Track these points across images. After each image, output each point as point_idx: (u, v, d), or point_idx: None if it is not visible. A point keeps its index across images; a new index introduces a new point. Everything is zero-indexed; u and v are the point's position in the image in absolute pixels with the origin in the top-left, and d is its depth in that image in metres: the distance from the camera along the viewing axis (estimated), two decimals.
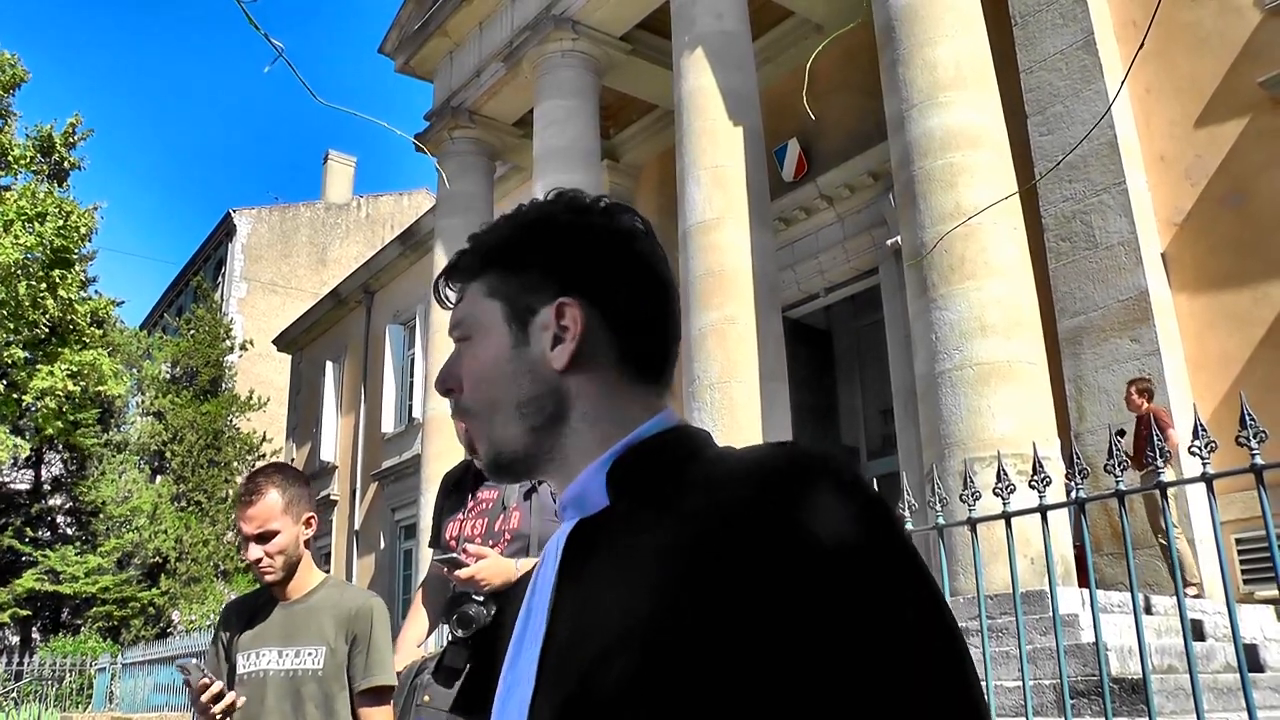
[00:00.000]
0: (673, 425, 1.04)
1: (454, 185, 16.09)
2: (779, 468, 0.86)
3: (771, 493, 0.83)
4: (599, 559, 0.94)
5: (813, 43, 13.16)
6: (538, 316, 1.05)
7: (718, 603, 0.80)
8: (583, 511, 1.01)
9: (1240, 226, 9.37)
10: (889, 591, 0.80)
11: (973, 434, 8.26)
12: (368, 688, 2.94)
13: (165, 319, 38.89)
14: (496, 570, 2.88)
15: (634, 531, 0.92)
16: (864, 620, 0.78)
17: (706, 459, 0.97)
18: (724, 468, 0.91)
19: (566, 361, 1.03)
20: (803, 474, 0.85)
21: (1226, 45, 9.71)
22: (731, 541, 0.82)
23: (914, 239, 9.18)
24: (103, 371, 21.88)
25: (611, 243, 1.08)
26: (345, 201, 41.24)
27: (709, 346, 10.47)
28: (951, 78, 9.36)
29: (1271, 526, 3.63)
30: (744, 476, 0.87)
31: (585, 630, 0.89)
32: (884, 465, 12.81)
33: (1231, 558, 8.79)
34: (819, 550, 0.79)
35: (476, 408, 1.07)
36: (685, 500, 0.90)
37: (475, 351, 1.07)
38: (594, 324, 1.04)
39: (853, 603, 0.78)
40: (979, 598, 4.46)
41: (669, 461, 0.99)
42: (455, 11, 16.32)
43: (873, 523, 0.83)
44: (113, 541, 25.64)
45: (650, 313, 1.09)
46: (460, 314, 1.10)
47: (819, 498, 0.83)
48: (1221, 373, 9.21)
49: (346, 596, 3.07)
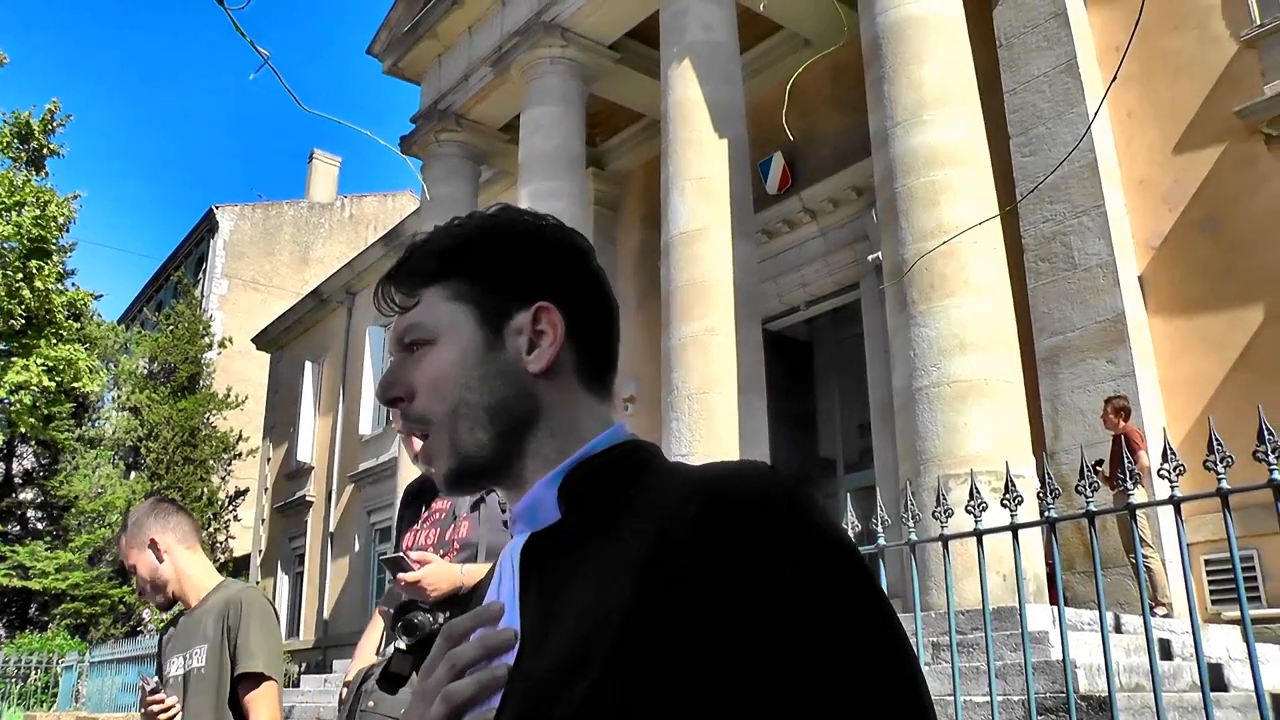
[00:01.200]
0: (624, 439, 1.04)
1: (439, 188, 16.09)
2: (729, 490, 0.86)
3: (716, 515, 0.84)
4: (552, 575, 0.95)
5: (800, 56, 13.23)
6: (513, 320, 1.05)
7: (666, 623, 0.81)
8: (534, 525, 1.01)
9: (1215, 252, 9.47)
10: (835, 614, 0.80)
11: (949, 450, 8.32)
12: (238, 674, 3.01)
13: (144, 314, 38.69)
14: (442, 575, 2.88)
15: (586, 547, 0.93)
16: (812, 642, 0.79)
17: (658, 474, 0.96)
18: (674, 486, 0.90)
19: (545, 365, 1.04)
20: (751, 497, 0.85)
21: (1205, 73, 9.83)
22: (678, 562, 0.82)
23: (895, 255, 9.25)
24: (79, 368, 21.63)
25: (575, 254, 1.10)
26: (329, 201, 41.12)
27: (689, 356, 10.50)
28: (936, 97, 9.44)
29: (1236, 549, 3.69)
30: (692, 496, 0.86)
31: (541, 648, 0.89)
32: (861, 478, 12.86)
33: (1200, 578, 8.88)
34: (762, 575, 0.80)
35: (436, 414, 1.04)
36: (636, 517, 0.90)
37: (440, 355, 1.05)
38: (565, 332, 1.05)
39: (799, 625, 0.79)
40: (949, 613, 4.50)
41: (620, 477, 0.98)
42: (446, 15, 16.33)
43: (820, 546, 0.83)
44: (84, 537, 25.43)
45: (606, 328, 1.11)
46: (417, 318, 1.07)
47: (764, 521, 0.83)
48: (1195, 395, 9.31)
49: (226, 592, 3.16)
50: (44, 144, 22.20)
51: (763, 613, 0.79)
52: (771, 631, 0.79)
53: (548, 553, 0.97)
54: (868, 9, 10.15)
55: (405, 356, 1.08)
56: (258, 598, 3.17)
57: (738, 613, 0.80)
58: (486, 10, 15.98)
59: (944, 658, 6.08)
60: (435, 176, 16.38)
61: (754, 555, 0.81)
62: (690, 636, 0.80)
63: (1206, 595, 8.88)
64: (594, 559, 0.91)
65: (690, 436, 10.13)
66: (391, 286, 1.10)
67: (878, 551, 5.02)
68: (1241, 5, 9.72)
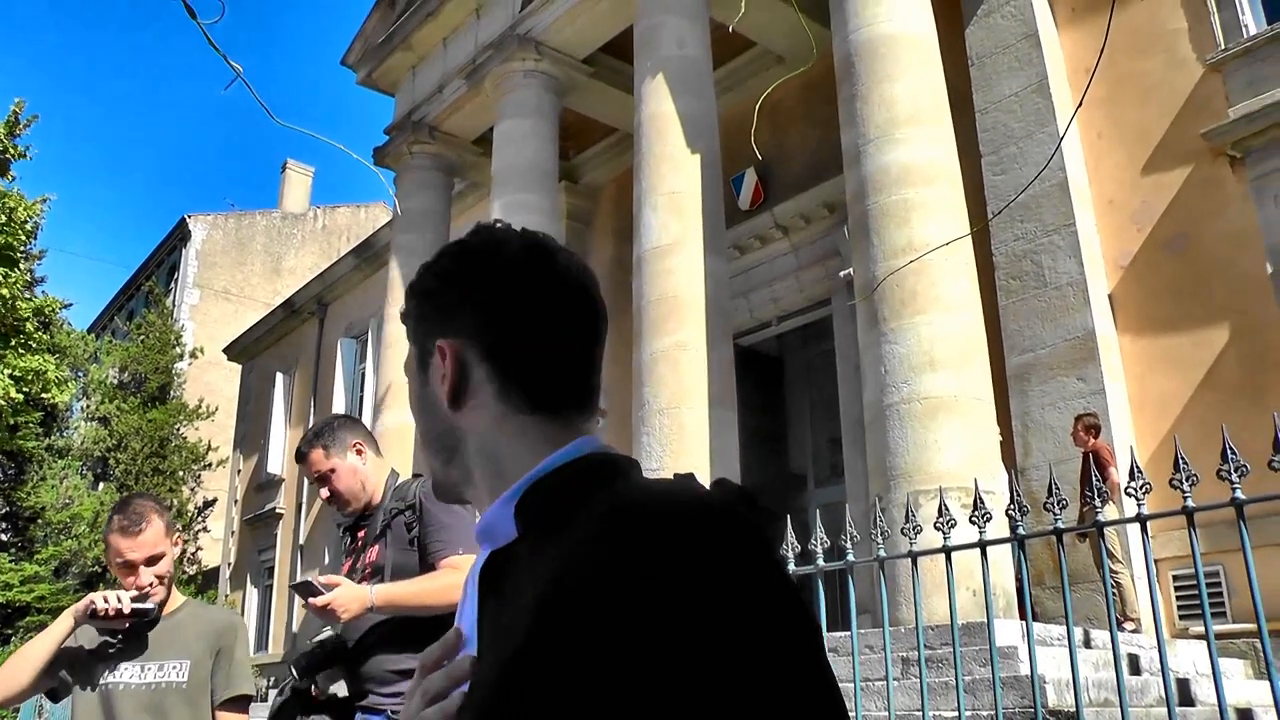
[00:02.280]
0: (582, 455, 1.03)
1: (412, 200, 16.08)
2: (640, 508, 0.86)
3: (614, 538, 0.84)
4: (505, 593, 0.96)
5: (774, 73, 13.30)
6: (432, 359, 1.11)
7: (556, 643, 0.80)
8: (494, 543, 1.03)
9: (1182, 271, 9.58)
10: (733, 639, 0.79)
11: (918, 467, 8.35)
12: (231, 697, 3.20)
13: (115, 323, 38.40)
14: (351, 597, 2.94)
15: (532, 568, 0.93)
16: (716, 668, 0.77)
17: (609, 491, 0.94)
18: (602, 505, 0.90)
19: (448, 399, 1.09)
20: (662, 518, 0.85)
21: (1172, 96, 9.96)
22: (575, 583, 0.82)
23: (866, 272, 9.29)
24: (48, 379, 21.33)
25: (508, 280, 1.09)
26: (302, 211, 40.95)
27: (660, 371, 10.51)
28: (908, 115, 9.50)
29: (1200, 565, 3.73)
30: (603, 517, 0.87)
31: (486, 663, 0.91)
32: (832, 494, 12.89)
33: (1168, 594, 8.96)
34: (655, 597, 0.79)
35: (419, 439, 1.18)
36: (567, 539, 0.88)
37: (412, 392, 1.17)
38: (471, 361, 1.07)
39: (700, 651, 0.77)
40: (918, 629, 4.53)
41: (574, 492, 0.97)
42: (420, 26, 16.34)
43: (740, 572, 0.83)
44: (51, 549, 25.10)
45: (546, 344, 1.08)
46: (408, 354, 1.18)
47: (668, 541, 0.82)
48: (1162, 413, 9.39)
49: (211, 614, 3.38)
50: (8, 147, 21.66)
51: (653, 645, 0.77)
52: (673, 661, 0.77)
53: (502, 570, 0.99)
54: (840, 27, 10.21)
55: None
56: (245, 626, 3.45)
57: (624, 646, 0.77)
58: (461, 22, 16.00)
59: (913, 673, 6.10)
60: (408, 188, 16.37)
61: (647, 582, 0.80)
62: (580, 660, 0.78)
63: (1174, 610, 8.95)
64: (531, 576, 0.91)
65: (661, 451, 10.13)
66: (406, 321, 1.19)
67: (847, 567, 5.04)
68: (1207, 30, 9.85)
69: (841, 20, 10.20)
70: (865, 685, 6.10)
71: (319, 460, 3.36)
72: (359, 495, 3.37)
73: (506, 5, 14.98)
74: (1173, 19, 10.11)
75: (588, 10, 13.76)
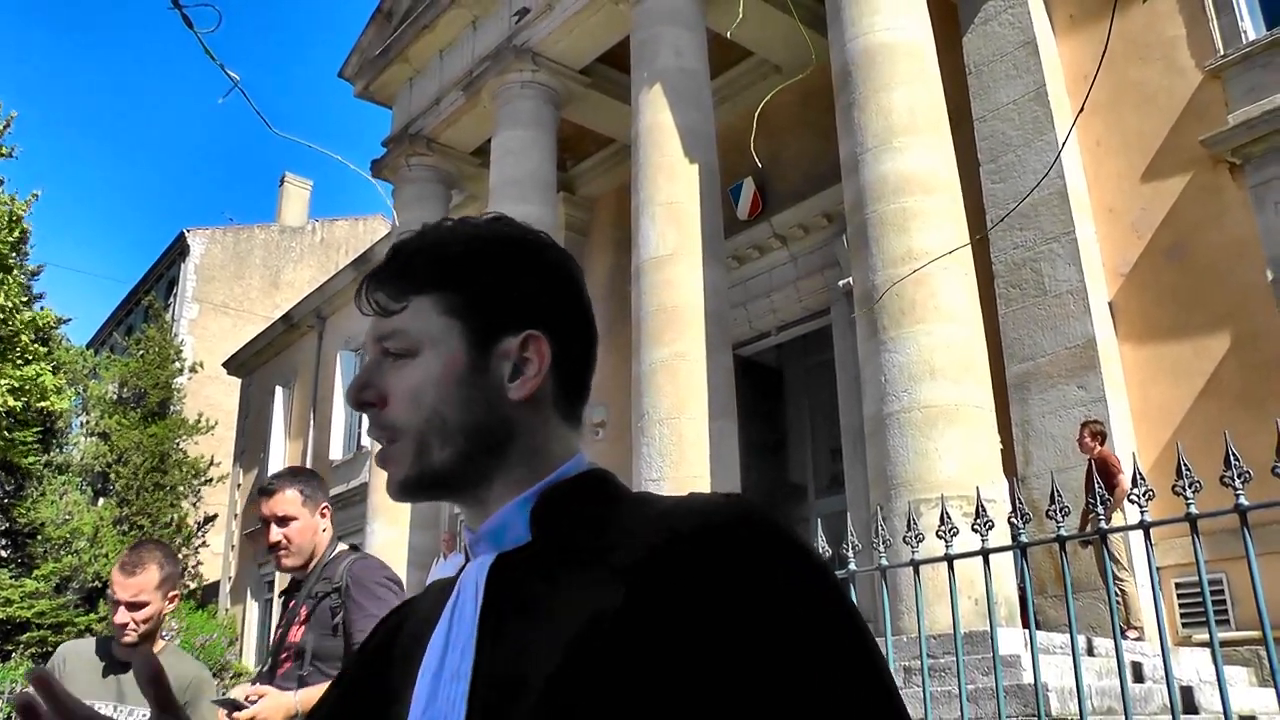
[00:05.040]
0: (589, 467, 1.04)
1: (410, 212, 16.07)
2: (723, 523, 0.89)
3: (717, 549, 0.87)
4: (527, 600, 0.94)
5: (770, 83, 13.30)
6: (500, 343, 1.03)
7: (672, 655, 0.83)
8: (500, 546, 1.00)
9: (1183, 279, 9.56)
10: (828, 646, 0.84)
11: (919, 476, 8.33)
12: None
13: (114, 338, 38.37)
14: (275, 708, 2.94)
15: (566, 575, 0.93)
16: (805, 672, 0.82)
17: (628, 503, 0.98)
18: (656, 515, 0.93)
19: (527, 394, 1.02)
20: (742, 530, 0.88)
21: (1171, 103, 9.95)
22: (681, 597, 0.85)
23: (866, 281, 9.27)
24: (45, 386, 21.26)
25: (569, 282, 1.09)
26: (300, 224, 40.95)
27: (659, 382, 10.49)
28: (906, 124, 9.49)
29: (1204, 573, 3.70)
30: (686, 530, 0.89)
31: (523, 674, 0.89)
32: (832, 503, 12.86)
33: (1171, 602, 8.92)
34: (765, 607, 0.84)
35: (409, 425, 1.02)
36: (620, 548, 0.91)
37: (423, 367, 1.02)
38: (550, 362, 1.04)
39: (796, 654, 0.82)
40: (920, 637, 4.50)
41: (592, 503, 0.99)
42: (417, 38, 16.35)
43: (812, 578, 0.87)
44: (50, 564, 25.04)
45: (586, 359, 1.09)
46: (404, 324, 1.04)
47: (762, 554, 0.87)
48: (1164, 421, 9.37)
49: (183, 665, 3.45)
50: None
51: (764, 626, 0.83)
52: (772, 644, 0.82)
53: (518, 573, 0.97)
54: (838, 36, 10.21)
55: (382, 361, 1.05)
56: (211, 681, 3.50)
57: (743, 628, 0.83)
58: (458, 34, 16.02)
59: (916, 682, 6.07)
60: (406, 200, 16.37)
61: (756, 577, 0.85)
62: (697, 652, 0.83)
63: (1177, 618, 8.92)
64: (570, 583, 0.92)
65: (661, 462, 10.11)
66: (379, 287, 1.06)
67: (849, 576, 5.01)
68: (1206, 37, 9.85)
69: (839, 29, 10.20)
70: None
71: (291, 502, 3.28)
72: (305, 553, 3.29)
73: (503, 17, 14.99)
74: (1171, 25, 10.11)
75: (584, 21, 13.78)
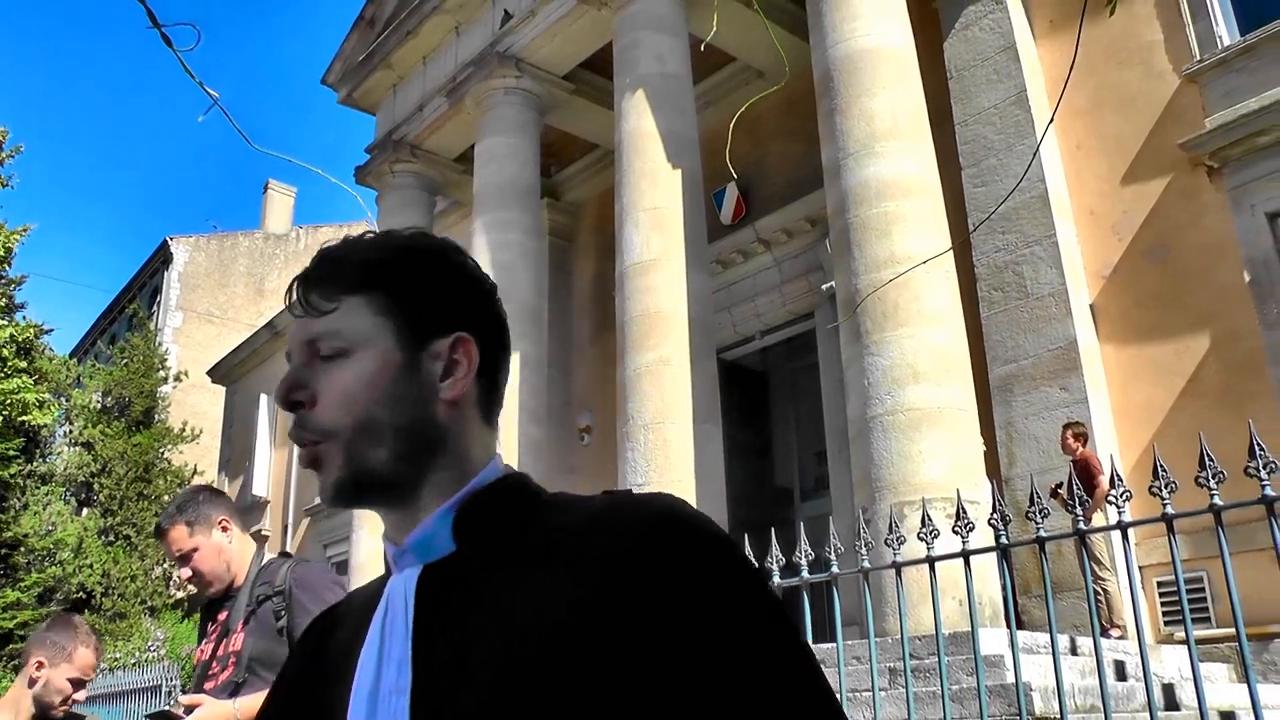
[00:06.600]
0: (507, 472, 1.07)
1: (394, 219, 16.08)
2: (651, 522, 0.95)
3: (648, 547, 0.92)
4: (460, 610, 0.96)
5: (753, 88, 13.33)
6: (431, 345, 1.05)
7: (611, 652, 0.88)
8: (427, 557, 1.02)
9: (1163, 281, 9.64)
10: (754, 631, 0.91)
11: (903, 478, 8.37)
12: None
13: (98, 347, 38.20)
14: (213, 716, 2.84)
15: (497, 583, 0.96)
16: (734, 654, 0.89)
17: (549, 506, 1.02)
18: (588, 519, 0.98)
19: (457, 394, 1.05)
20: (668, 528, 0.94)
21: (1150, 106, 10.03)
22: (615, 596, 0.90)
23: (848, 285, 9.31)
24: (27, 400, 21.15)
25: (489, 292, 1.12)
26: (285, 232, 40.81)
27: (644, 387, 10.52)
28: (887, 128, 9.54)
29: (1181, 571, 3.75)
30: (618, 531, 0.94)
31: (463, 684, 0.91)
32: (817, 506, 12.89)
33: (1153, 600, 8.99)
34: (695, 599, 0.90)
35: (340, 426, 1.02)
36: (550, 552, 0.96)
37: (356, 367, 1.03)
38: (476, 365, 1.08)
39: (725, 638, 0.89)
40: (903, 639, 4.54)
41: (517, 510, 1.02)
42: (400, 45, 16.35)
43: (734, 568, 0.94)
44: (34, 576, 24.91)
45: (504, 367, 1.13)
46: (335, 325, 1.05)
47: (689, 549, 0.93)
48: (1145, 422, 9.43)
49: None
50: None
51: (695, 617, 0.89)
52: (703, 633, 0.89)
53: (447, 584, 0.99)
54: (819, 41, 10.26)
55: (312, 361, 1.06)
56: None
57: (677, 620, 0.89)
58: (441, 41, 16.03)
59: (900, 683, 6.11)
60: (390, 207, 16.37)
61: (685, 570, 0.91)
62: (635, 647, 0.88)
63: (1160, 616, 8.98)
64: (501, 591, 0.95)
65: (646, 466, 10.13)
66: (311, 288, 1.08)
67: (832, 579, 5.05)
68: (1183, 41, 9.93)
69: (820, 35, 10.25)
70: (852, 696, 6.10)
71: (181, 538, 3.14)
72: (222, 576, 3.18)
73: (486, 23, 15.01)
74: (1149, 31, 10.19)
75: (567, 27, 13.81)
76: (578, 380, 16.83)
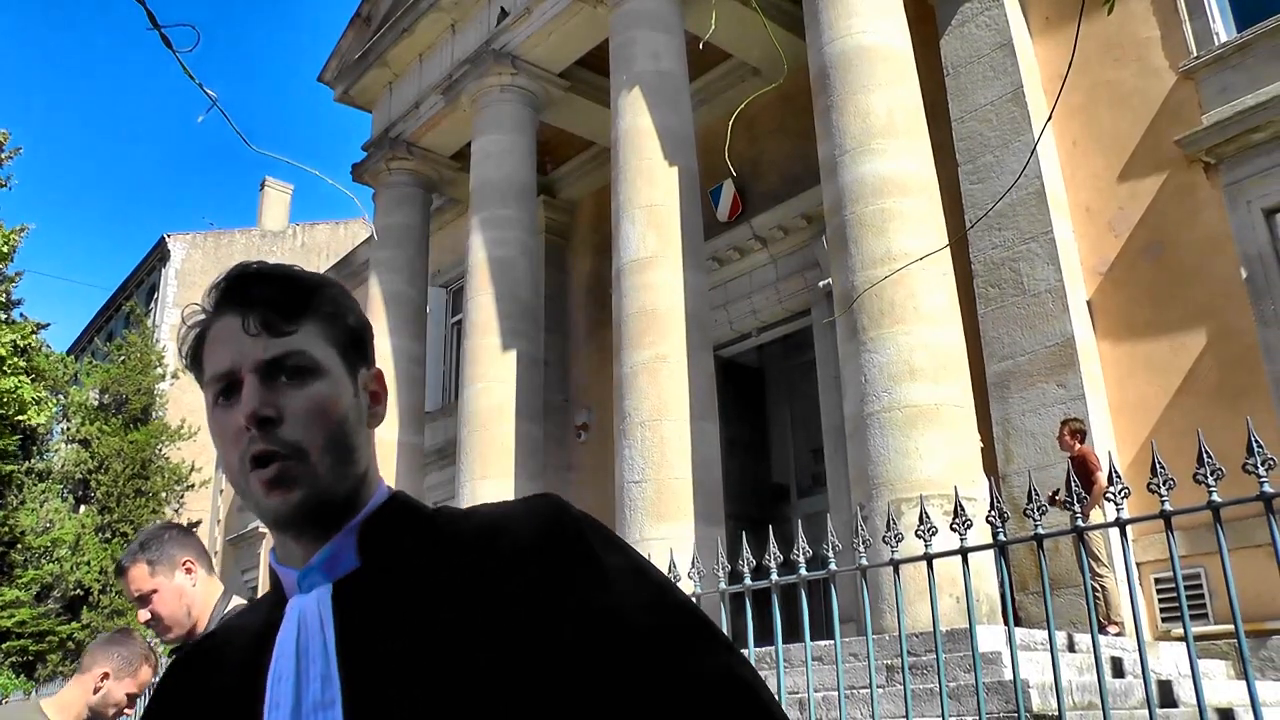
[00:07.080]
0: (395, 491, 1.14)
1: (391, 217, 16.08)
2: (541, 519, 1.06)
3: (543, 543, 1.03)
4: (385, 619, 1.01)
5: (749, 85, 13.34)
6: (360, 376, 1.13)
7: (530, 644, 0.97)
8: (334, 575, 1.05)
9: (1160, 277, 9.64)
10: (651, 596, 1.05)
11: (900, 475, 8.37)
12: None
13: (95, 344, 38.15)
14: None
15: (409, 593, 1.02)
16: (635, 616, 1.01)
17: (443, 519, 1.11)
18: (485, 525, 1.07)
19: (379, 422, 1.16)
20: (556, 525, 1.05)
21: (1146, 104, 10.03)
22: (523, 591, 0.99)
23: (845, 282, 9.31)
24: (24, 400, 21.11)
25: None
26: (281, 229, 40.77)
27: (640, 384, 10.51)
28: (884, 125, 9.53)
29: (1178, 568, 3.75)
30: (514, 533, 1.04)
31: (395, 690, 0.96)
32: (814, 504, 12.90)
33: (1151, 597, 9.00)
34: (592, 580, 1.02)
35: (310, 444, 1.05)
36: (454, 560, 1.03)
37: (324, 390, 1.07)
38: None
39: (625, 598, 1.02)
40: (900, 636, 4.54)
41: (412, 525, 1.10)
42: (396, 43, 16.34)
43: (619, 545, 1.09)
44: (31, 573, 24.87)
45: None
46: (301, 346, 1.08)
47: (578, 537, 1.05)
48: (1142, 418, 9.44)
49: None
50: None
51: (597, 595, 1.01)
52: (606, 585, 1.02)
53: (362, 599, 1.03)
54: (815, 38, 10.25)
55: (277, 381, 1.07)
56: None
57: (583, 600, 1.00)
58: (437, 38, 16.01)
59: (897, 680, 6.11)
60: (387, 204, 16.36)
61: (579, 556, 1.04)
62: (551, 634, 0.97)
63: (1158, 613, 8.99)
64: (415, 600, 1.01)
65: (643, 464, 10.13)
66: (268, 309, 1.09)
67: (829, 576, 5.05)
68: (1179, 38, 9.93)
69: (817, 33, 10.24)
70: (850, 693, 6.11)
71: (141, 578, 2.94)
72: (182, 622, 2.95)
73: (482, 21, 15.00)
74: (1145, 27, 10.19)
75: (563, 25, 13.80)
76: (574, 378, 16.82)
